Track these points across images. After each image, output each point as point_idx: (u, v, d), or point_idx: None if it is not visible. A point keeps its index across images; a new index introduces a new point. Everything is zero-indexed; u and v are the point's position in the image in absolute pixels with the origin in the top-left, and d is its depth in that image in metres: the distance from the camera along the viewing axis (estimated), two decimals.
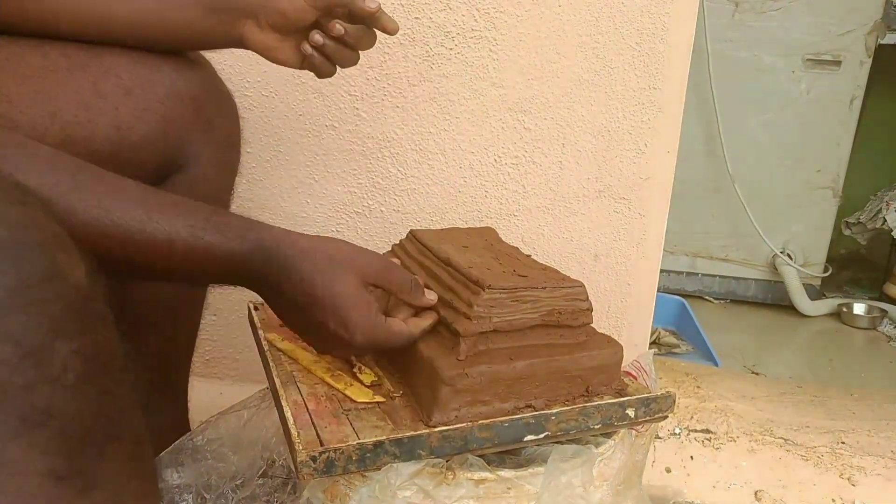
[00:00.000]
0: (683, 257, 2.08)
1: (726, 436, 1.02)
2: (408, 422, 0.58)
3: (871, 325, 1.96)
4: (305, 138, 0.99)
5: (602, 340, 0.66)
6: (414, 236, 0.76)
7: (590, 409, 0.62)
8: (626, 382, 0.67)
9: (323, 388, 0.63)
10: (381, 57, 0.94)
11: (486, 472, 0.57)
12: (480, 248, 0.74)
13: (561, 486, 0.57)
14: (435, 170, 0.98)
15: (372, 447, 0.53)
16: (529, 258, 0.73)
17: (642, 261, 1.00)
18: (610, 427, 0.64)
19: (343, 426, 0.57)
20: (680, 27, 0.90)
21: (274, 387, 0.63)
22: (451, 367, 0.57)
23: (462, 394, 0.57)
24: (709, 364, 1.50)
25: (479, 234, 0.80)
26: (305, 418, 0.57)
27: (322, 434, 0.55)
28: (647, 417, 0.65)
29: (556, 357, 0.62)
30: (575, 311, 0.65)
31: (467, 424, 0.57)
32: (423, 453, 0.55)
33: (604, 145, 0.95)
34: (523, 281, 0.63)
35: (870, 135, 2.11)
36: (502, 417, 0.58)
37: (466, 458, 0.58)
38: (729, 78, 1.89)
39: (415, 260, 0.73)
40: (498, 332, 0.61)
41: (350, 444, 0.53)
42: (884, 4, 1.82)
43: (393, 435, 0.55)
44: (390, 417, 0.59)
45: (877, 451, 1.00)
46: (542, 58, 0.93)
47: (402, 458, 0.55)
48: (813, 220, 2.00)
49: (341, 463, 0.53)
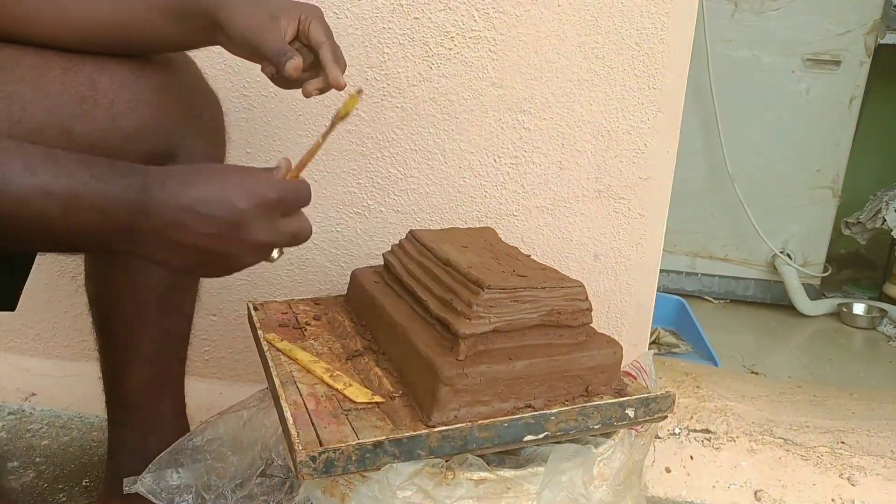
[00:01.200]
0: (683, 257, 2.08)
1: (726, 436, 1.02)
2: (407, 422, 0.58)
3: (871, 325, 1.96)
4: (305, 138, 0.99)
5: (602, 340, 0.66)
6: (413, 236, 0.77)
7: (589, 409, 0.62)
8: (626, 382, 0.67)
9: (322, 389, 0.63)
10: (380, 57, 0.94)
11: (486, 472, 0.57)
12: (480, 248, 0.74)
13: (561, 485, 0.57)
14: (434, 170, 0.98)
15: (372, 447, 0.53)
16: (529, 258, 0.73)
17: (642, 260, 1.00)
18: (610, 427, 0.64)
19: (342, 426, 0.56)
20: (680, 27, 0.90)
21: (273, 387, 0.63)
22: (450, 368, 0.57)
23: (461, 394, 0.57)
24: (708, 364, 1.50)
25: (479, 234, 0.80)
26: (305, 418, 0.57)
27: (322, 434, 0.55)
28: (647, 417, 0.64)
29: (556, 357, 0.62)
30: (574, 311, 0.64)
31: (467, 424, 0.57)
32: (422, 453, 0.55)
33: (604, 145, 0.95)
34: (523, 281, 0.63)
35: (869, 135, 2.11)
36: (502, 417, 0.58)
37: (466, 458, 0.58)
38: (728, 78, 1.89)
39: (414, 260, 0.73)
40: (497, 332, 0.61)
41: (350, 445, 0.53)
42: (883, 4, 1.82)
43: (392, 435, 0.55)
44: (390, 417, 0.58)
45: (876, 451, 1.00)
46: (542, 58, 0.93)
47: (401, 458, 0.55)
48: (812, 219, 2.00)
49: (341, 463, 0.53)
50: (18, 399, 1.16)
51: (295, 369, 0.66)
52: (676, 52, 0.91)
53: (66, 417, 1.13)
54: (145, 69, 0.65)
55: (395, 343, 0.67)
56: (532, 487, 0.57)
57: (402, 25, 0.93)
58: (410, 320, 0.66)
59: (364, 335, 0.73)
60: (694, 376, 1.15)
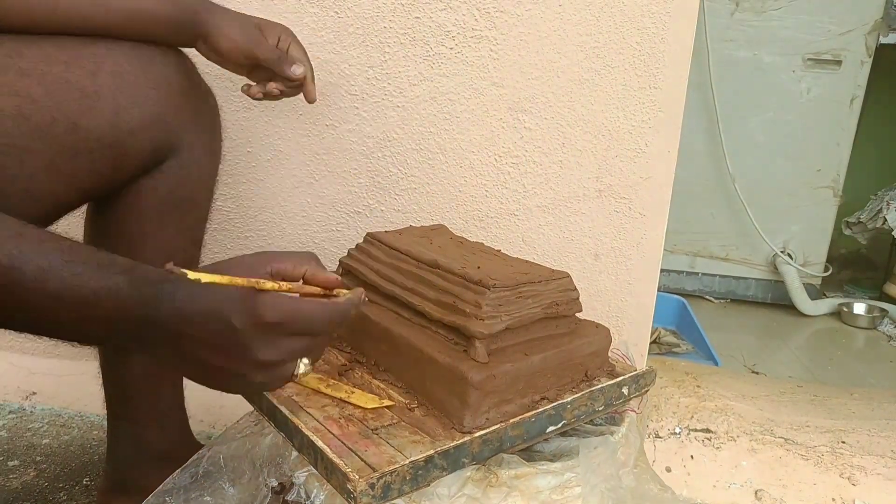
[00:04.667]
0: (683, 257, 2.08)
1: (726, 435, 1.02)
2: (440, 431, 0.56)
3: (872, 325, 1.97)
4: (306, 138, 0.99)
5: (591, 326, 0.69)
6: (376, 239, 0.73)
7: (595, 393, 0.64)
8: (613, 363, 0.70)
9: (334, 409, 0.59)
10: (381, 56, 0.94)
11: (526, 467, 0.57)
12: (454, 247, 0.73)
13: (597, 474, 0.58)
14: (435, 169, 0.98)
15: (423, 463, 0.51)
16: (501, 252, 0.74)
17: (642, 260, 1.00)
18: (610, 407, 0.67)
19: (382, 446, 0.53)
20: (680, 27, 0.90)
21: (277, 414, 0.59)
22: (478, 371, 0.56)
23: (490, 396, 0.57)
24: (709, 363, 1.49)
25: (440, 233, 0.79)
26: (338, 444, 0.54)
27: (367, 458, 0.51)
28: (637, 393, 0.69)
29: (562, 347, 0.63)
30: (569, 301, 0.66)
31: (501, 425, 0.57)
32: (466, 461, 0.55)
33: (604, 145, 0.95)
34: (522, 276, 0.63)
35: (870, 134, 2.11)
36: (528, 413, 0.59)
37: (502, 458, 0.58)
38: (729, 77, 1.89)
39: (388, 265, 0.70)
40: (508, 330, 0.61)
41: (403, 465, 0.50)
42: (884, 4, 1.82)
43: (439, 447, 0.53)
44: (421, 430, 0.56)
45: (877, 451, 1.00)
46: (543, 57, 0.93)
47: (448, 470, 0.53)
48: (813, 219, 2.00)
49: (397, 485, 0.50)
50: (19, 398, 1.16)
51: (291, 392, 0.61)
52: (677, 52, 0.91)
53: (67, 416, 1.13)
54: (144, 62, 0.65)
55: (395, 353, 0.64)
56: (571, 475, 0.58)
57: (403, 25, 0.93)
58: (406, 328, 0.64)
59: (342, 348, 0.70)
60: (694, 376, 1.16)
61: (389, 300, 0.68)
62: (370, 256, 0.72)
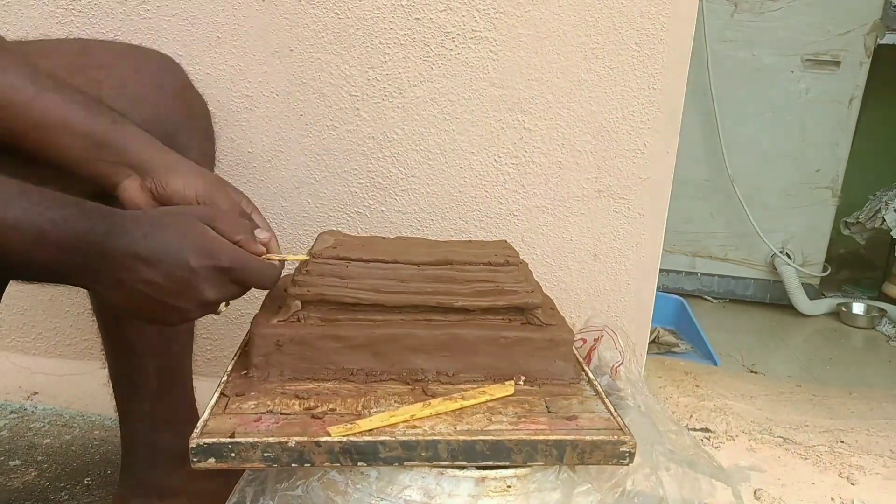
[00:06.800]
0: (683, 257, 2.08)
1: (725, 434, 1.02)
2: (585, 385, 0.65)
3: (870, 325, 1.97)
4: (306, 138, 0.99)
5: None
6: (337, 258, 0.65)
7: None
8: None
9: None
10: (381, 57, 0.95)
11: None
12: (422, 245, 0.71)
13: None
14: (435, 170, 0.99)
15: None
16: (425, 238, 0.79)
17: (641, 260, 1.00)
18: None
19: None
20: (679, 27, 0.91)
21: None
22: (567, 332, 0.65)
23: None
24: (708, 363, 1.50)
25: (372, 241, 0.73)
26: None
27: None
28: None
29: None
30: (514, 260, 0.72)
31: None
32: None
33: (604, 145, 0.96)
34: (514, 254, 0.70)
35: (869, 135, 2.11)
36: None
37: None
38: (728, 78, 1.89)
39: (379, 277, 0.64)
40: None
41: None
42: (883, 4, 1.82)
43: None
44: (560, 400, 0.61)
45: (876, 450, 1.00)
46: (542, 58, 0.93)
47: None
48: (812, 219, 2.00)
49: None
50: (20, 398, 1.16)
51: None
52: (676, 53, 0.92)
53: (68, 416, 1.13)
54: (142, 68, 0.67)
55: (465, 353, 0.62)
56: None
57: (403, 26, 0.93)
58: (461, 328, 0.63)
59: (355, 373, 0.63)
60: (693, 375, 1.16)
61: (395, 312, 0.64)
62: (341, 277, 0.63)
